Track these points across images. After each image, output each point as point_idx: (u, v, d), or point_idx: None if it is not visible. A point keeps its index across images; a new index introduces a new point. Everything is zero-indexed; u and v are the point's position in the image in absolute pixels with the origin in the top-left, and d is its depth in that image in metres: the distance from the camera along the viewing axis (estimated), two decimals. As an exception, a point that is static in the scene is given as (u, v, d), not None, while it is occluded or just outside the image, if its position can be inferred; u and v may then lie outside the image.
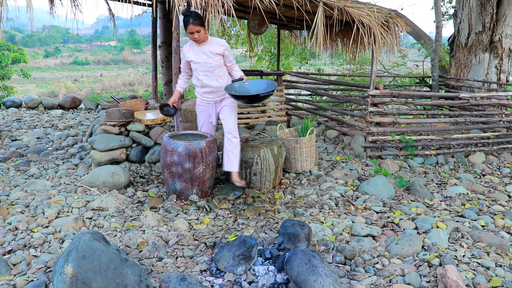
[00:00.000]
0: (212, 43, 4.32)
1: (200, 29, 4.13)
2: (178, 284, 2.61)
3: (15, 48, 15.15)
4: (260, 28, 7.11)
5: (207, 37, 4.29)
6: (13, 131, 7.45)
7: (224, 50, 4.32)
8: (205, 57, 4.30)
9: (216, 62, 4.33)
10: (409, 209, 4.22)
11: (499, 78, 8.63)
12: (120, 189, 4.56)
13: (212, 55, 4.30)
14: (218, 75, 4.40)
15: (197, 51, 4.33)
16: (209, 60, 4.31)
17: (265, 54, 13.25)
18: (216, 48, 4.29)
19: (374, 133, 6.05)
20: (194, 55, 4.34)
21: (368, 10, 5.40)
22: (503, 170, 5.88)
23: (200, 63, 4.33)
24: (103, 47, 48.92)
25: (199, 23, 4.12)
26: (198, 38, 4.19)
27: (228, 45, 4.43)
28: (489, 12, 8.31)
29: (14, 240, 3.36)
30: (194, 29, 4.11)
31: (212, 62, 4.31)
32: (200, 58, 4.32)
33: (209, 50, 4.30)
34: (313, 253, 2.83)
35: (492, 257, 3.27)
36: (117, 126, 5.11)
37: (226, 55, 4.37)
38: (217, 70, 4.37)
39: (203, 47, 4.31)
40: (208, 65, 4.32)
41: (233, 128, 4.52)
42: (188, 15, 4.09)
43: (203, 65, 4.33)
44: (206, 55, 4.30)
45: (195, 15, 4.10)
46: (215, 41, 4.34)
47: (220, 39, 4.40)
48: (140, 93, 20.00)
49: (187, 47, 4.41)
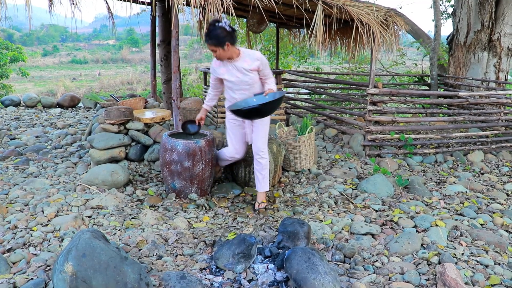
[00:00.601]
0: (245, 58, 3.89)
1: (215, 49, 3.76)
2: (178, 282, 2.61)
3: (13, 47, 15.15)
4: (259, 26, 7.11)
5: (238, 51, 3.89)
6: (12, 130, 7.44)
7: (259, 64, 3.89)
8: (240, 75, 3.92)
9: (252, 80, 3.95)
10: (408, 208, 4.22)
11: (497, 77, 8.65)
12: (120, 187, 4.56)
13: (247, 72, 3.90)
14: (255, 92, 4.02)
15: (230, 68, 3.94)
16: (244, 78, 3.92)
17: (264, 53, 13.25)
18: (250, 63, 3.88)
19: (373, 132, 6.05)
20: (227, 72, 3.97)
21: (367, 9, 5.40)
22: (502, 169, 5.89)
23: (234, 81, 3.96)
24: (102, 46, 48.88)
25: (213, 43, 3.73)
26: (218, 57, 3.85)
27: (262, 56, 3.95)
28: (488, 11, 8.32)
29: (13, 239, 3.36)
30: (212, 48, 3.77)
31: (248, 80, 3.93)
32: (234, 76, 3.94)
33: (243, 66, 3.88)
34: (312, 251, 2.84)
35: (490, 255, 3.28)
36: (116, 124, 5.11)
37: (262, 69, 3.94)
38: (254, 87, 4.00)
39: (236, 63, 3.90)
40: (244, 83, 3.95)
41: (261, 147, 4.16)
42: (208, 31, 3.75)
43: (238, 84, 3.97)
44: (240, 72, 3.91)
45: (212, 34, 3.71)
46: (248, 55, 3.90)
47: (253, 52, 3.95)
48: (139, 91, 19.98)
49: (218, 62, 4.00)
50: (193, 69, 24.23)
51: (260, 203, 4.25)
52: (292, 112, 8.49)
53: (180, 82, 5.20)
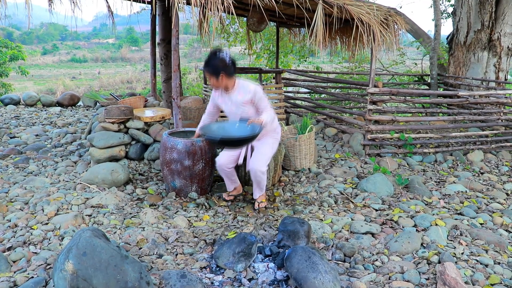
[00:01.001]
0: (239, 90, 3.90)
1: (210, 78, 3.82)
2: (178, 281, 2.62)
3: (13, 46, 15.14)
4: (259, 25, 7.10)
5: (233, 83, 3.91)
6: (12, 128, 7.43)
7: (251, 97, 3.85)
8: (234, 108, 3.95)
9: (246, 113, 3.92)
10: (408, 207, 4.23)
11: (497, 77, 8.65)
12: (120, 186, 4.56)
13: (240, 105, 3.90)
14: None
15: (225, 99, 3.99)
16: (237, 111, 3.95)
17: (264, 52, 13.24)
18: (243, 95, 3.87)
19: (373, 131, 6.05)
20: (223, 103, 4.03)
21: (368, 8, 5.40)
22: (501, 168, 5.90)
23: (229, 113, 4.03)
24: (101, 45, 48.84)
25: (208, 71, 3.79)
26: (212, 84, 3.90)
27: (258, 89, 3.88)
28: (488, 11, 8.32)
29: (13, 237, 3.36)
30: (208, 77, 3.83)
31: (241, 113, 3.94)
32: (229, 107, 4.00)
33: (237, 98, 3.90)
34: (312, 250, 2.84)
35: (490, 255, 3.28)
36: (116, 123, 5.11)
37: (255, 102, 3.89)
38: (250, 117, 3.92)
39: (231, 95, 3.94)
40: (238, 116, 3.95)
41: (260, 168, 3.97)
42: (207, 58, 3.82)
43: (232, 115, 4.03)
44: (234, 104, 3.94)
45: (210, 62, 3.78)
46: (242, 87, 3.89)
47: (248, 84, 3.91)
48: (138, 90, 19.97)
49: (217, 91, 4.06)
50: (193, 68, 24.22)
51: (259, 202, 4.24)
52: (292, 111, 8.48)
53: (180, 81, 5.20)
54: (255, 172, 3.99)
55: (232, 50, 5.29)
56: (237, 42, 13.01)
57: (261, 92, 3.89)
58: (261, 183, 4.11)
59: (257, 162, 3.97)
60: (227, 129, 4.00)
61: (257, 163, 3.97)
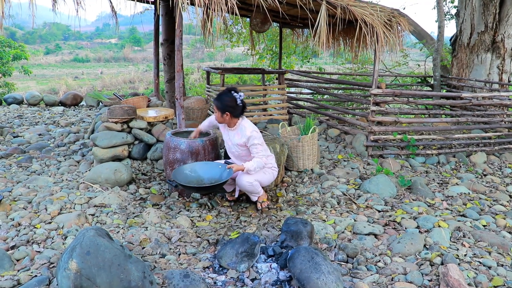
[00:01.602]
0: (237, 132, 4.02)
1: (216, 111, 3.95)
2: (181, 281, 2.62)
3: (16, 45, 15.17)
4: (262, 26, 7.11)
5: (235, 124, 4.02)
6: (15, 128, 7.45)
7: (245, 141, 3.94)
8: (230, 144, 4.10)
9: (239, 153, 4.07)
10: (410, 208, 4.22)
11: (501, 78, 8.63)
12: (122, 186, 4.57)
13: (234, 144, 4.05)
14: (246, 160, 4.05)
15: (226, 133, 4.14)
16: (232, 149, 4.10)
17: (266, 53, 13.25)
18: (240, 137, 3.99)
19: (375, 132, 6.05)
20: (224, 133, 4.18)
21: (371, 9, 5.39)
22: (505, 170, 5.89)
23: (226, 145, 4.19)
24: (104, 45, 48.89)
25: (216, 105, 3.92)
26: (215, 118, 4.04)
27: (255, 134, 3.94)
28: (491, 12, 8.31)
29: (17, 236, 3.37)
30: (214, 108, 3.97)
31: (234, 151, 4.09)
32: (226, 142, 4.16)
33: (234, 138, 4.04)
34: (315, 251, 2.84)
35: (493, 257, 3.28)
36: (119, 123, 5.12)
37: (249, 146, 3.96)
38: (242, 159, 4.09)
39: (231, 132, 4.08)
40: (232, 153, 4.14)
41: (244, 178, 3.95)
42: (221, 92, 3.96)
43: (228, 148, 4.16)
44: (231, 142, 4.08)
45: (221, 97, 3.90)
46: (241, 130, 3.99)
47: (246, 128, 3.96)
48: (141, 90, 20.00)
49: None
50: (196, 68, 24.25)
51: (261, 203, 4.23)
52: (295, 112, 8.48)
53: (183, 81, 5.20)
54: (242, 185, 3.98)
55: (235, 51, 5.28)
56: (240, 43, 13.03)
57: (257, 139, 3.93)
58: (253, 191, 4.07)
59: (243, 175, 3.96)
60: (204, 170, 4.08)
61: (243, 176, 3.95)
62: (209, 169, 4.06)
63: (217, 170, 4.01)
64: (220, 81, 7.44)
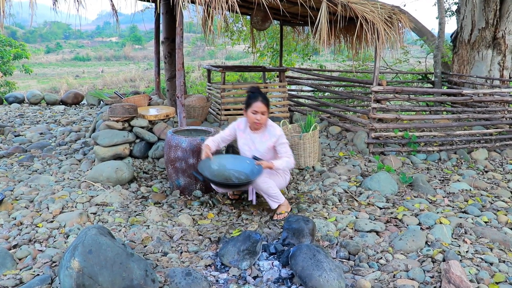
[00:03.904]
0: (265, 133, 3.85)
1: (266, 112, 3.73)
2: (183, 279, 2.63)
3: (16, 44, 15.20)
4: (263, 24, 7.10)
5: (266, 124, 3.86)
6: (16, 127, 7.46)
7: (275, 141, 3.81)
8: (252, 148, 3.89)
9: (264, 156, 3.85)
10: (412, 205, 4.22)
11: (502, 75, 8.62)
12: (124, 184, 4.58)
13: (263, 146, 3.85)
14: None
15: (247, 135, 3.93)
16: (256, 153, 3.86)
17: (267, 50, 13.24)
18: (268, 139, 3.83)
19: (376, 129, 6.05)
20: (242, 138, 3.96)
21: (372, 6, 5.38)
22: (506, 167, 5.88)
23: (244, 148, 3.96)
24: (105, 43, 48.90)
25: (266, 103, 3.71)
26: (260, 120, 3.73)
27: (283, 133, 3.84)
28: (492, 9, 8.29)
29: (19, 235, 3.38)
30: (261, 109, 3.69)
31: (259, 155, 3.84)
32: (246, 148, 3.93)
33: (261, 140, 3.85)
34: (317, 248, 2.85)
35: (495, 253, 3.28)
36: (120, 121, 5.12)
37: (277, 146, 3.82)
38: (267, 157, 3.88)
39: (254, 135, 3.88)
40: (251, 153, 3.89)
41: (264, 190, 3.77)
42: (257, 92, 3.75)
43: (247, 151, 3.94)
44: (254, 146, 3.88)
45: (264, 95, 3.73)
46: (269, 130, 3.84)
47: (275, 127, 3.85)
48: (142, 89, 20.00)
49: (241, 125, 3.97)
50: (196, 66, 24.24)
51: (279, 214, 3.90)
52: (296, 110, 8.48)
53: (184, 79, 5.19)
54: (256, 186, 3.78)
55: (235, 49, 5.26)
56: (240, 41, 13.01)
57: (285, 138, 3.83)
58: (267, 191, 3.77)
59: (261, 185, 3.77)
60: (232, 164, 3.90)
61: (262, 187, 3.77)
62: (238, 164, 3.88)
63: (246, 165, 3.82)
64: (221, 79, 7.44)
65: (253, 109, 3.71)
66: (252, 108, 3.71)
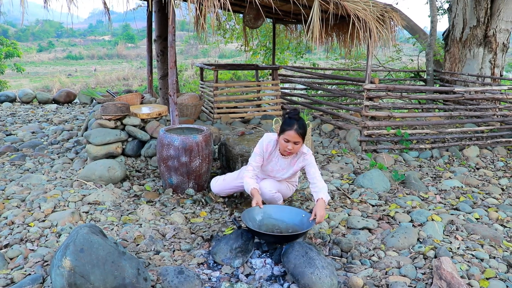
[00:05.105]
0: (295, 158, 3.57)
1: (300, 142, 3.35)
2: (176, 277, 2.62)
3: (8, 42, 15.08)
4: (255, 22, 7.10)
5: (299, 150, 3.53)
6: (8, 126, 7.41)
7: (303, 166, 3.56)
8: (280, 169, 3.65)
9: (284, 177, 3.69)
10: (404, 202, 4.25)
11: (493, 73, 8.68)
12: (116, 183, 4.56)
13: (290, 171, 3.64)
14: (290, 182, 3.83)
15: (275, 161, 3.63)
16: (283, 175, 3.67)
17: (260, 49, 13.23)
18: (297, 164, 3.57)
19: (369, 127, 6.07)
20: (270, 161, 3.65)
21: (364, 4, 5.40)
22: (497, 164, 5.93)
23: (273, 171, 3.68)
24: (97, 42, 48.66)
25: (302, 133, 3.33)
26: (291, 150, 3.38)
27: (312, 157, 3.54)
28: (483, 7, 8.34)
29: (10, 234, 3.35)
30: (294, 139, 3.31)
31: (278, 177, 3.69)
32: (272, 166, 3.67)
33: (290, 165, 3.61)
34: (309, 245, 2.86)
35: (486, 249, 3.31)
36: (113, 120, 5.10)
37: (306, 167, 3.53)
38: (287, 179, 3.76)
39: (283, 160, 3.60)
40: (280, 177, 3.69)
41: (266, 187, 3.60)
42: (294, 119, 3.34)
43: (274, 173, 3.69)
44: (282, 168, 3.64)
45: (302, 123, 3.34)
46: (299, 155, 3.55)
47: (306, 153, 3.52)
48: (135, 87, 19.94)
49: (269, 147, 3.58)
50: (189, 65, 24.19)
51: None
52: (288, 108, 8.49)
53: (176, 78, 5.17)
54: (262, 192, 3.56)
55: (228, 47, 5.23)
56: (233, 39, 13.00)
57: (313, 159, 3.56)
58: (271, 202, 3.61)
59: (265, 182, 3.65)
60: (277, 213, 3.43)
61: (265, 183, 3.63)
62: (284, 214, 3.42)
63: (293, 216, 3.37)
64: (214, 77, 7.43)
65: (286, 137, 3.34)
66: (284, 136, 3.34)
